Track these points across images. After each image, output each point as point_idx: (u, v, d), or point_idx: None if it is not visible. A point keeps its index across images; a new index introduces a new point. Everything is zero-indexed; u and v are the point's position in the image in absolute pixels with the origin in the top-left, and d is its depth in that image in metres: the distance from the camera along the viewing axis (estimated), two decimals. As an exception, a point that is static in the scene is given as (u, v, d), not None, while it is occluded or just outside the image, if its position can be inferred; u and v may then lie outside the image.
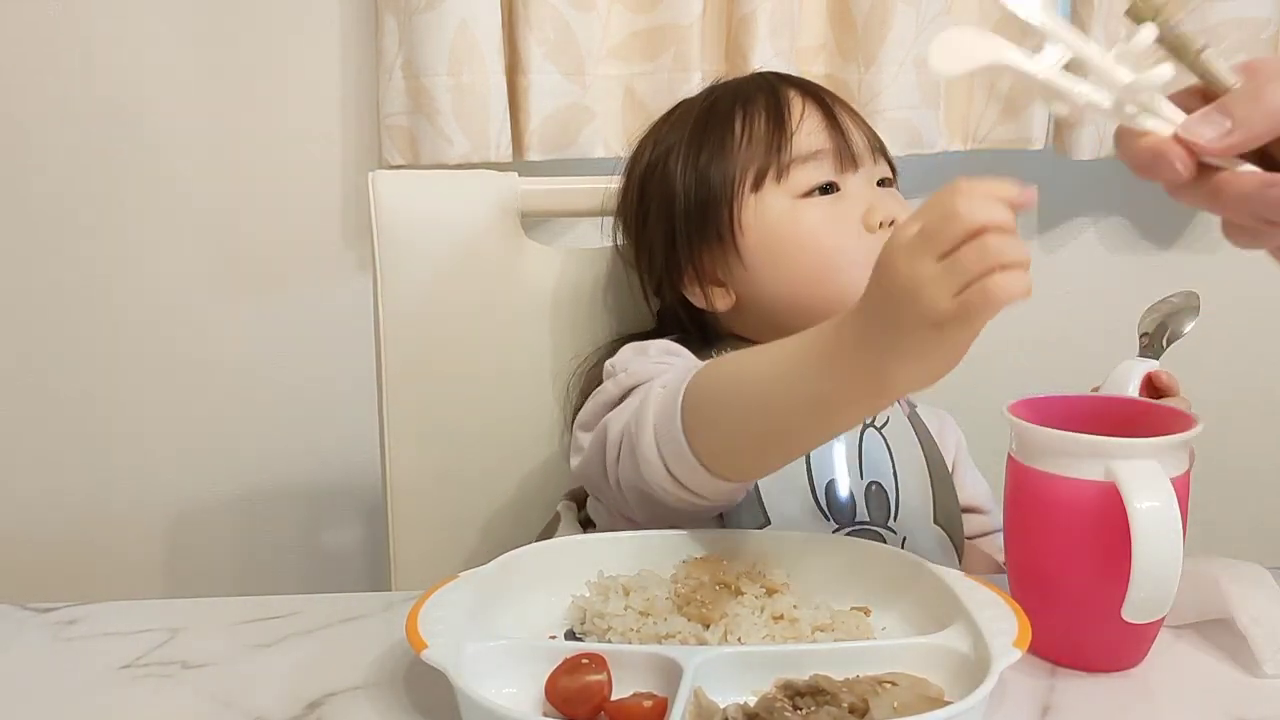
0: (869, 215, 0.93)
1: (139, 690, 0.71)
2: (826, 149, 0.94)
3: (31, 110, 1.38)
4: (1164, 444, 0.68)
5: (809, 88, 0.99)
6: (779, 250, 0.94)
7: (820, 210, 0.94)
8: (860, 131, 0.97)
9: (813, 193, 0.94)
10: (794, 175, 0.94)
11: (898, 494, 0.93)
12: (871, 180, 0.96)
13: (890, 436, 0.95)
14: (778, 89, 0.97)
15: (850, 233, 0.93)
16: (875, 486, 0.92)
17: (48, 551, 1.48)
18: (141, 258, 1.43)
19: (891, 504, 0.92)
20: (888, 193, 0.97)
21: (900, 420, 0.97)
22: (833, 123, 0.95)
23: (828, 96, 0.98)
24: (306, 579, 1.52)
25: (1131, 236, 1.50)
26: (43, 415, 1.46)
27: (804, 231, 0.93)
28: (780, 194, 0.94)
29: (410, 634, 0.65)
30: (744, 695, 0.62)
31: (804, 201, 0.94)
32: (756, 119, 0.95)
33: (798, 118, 0.95)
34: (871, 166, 0.96)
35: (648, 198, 0.99)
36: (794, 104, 0.96)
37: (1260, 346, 1.53)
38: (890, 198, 0.96)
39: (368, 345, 1.06)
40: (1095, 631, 0.70)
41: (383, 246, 1.05)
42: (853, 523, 0.90)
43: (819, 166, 0.94)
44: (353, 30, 1.39)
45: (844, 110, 0.98)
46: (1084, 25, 1.32)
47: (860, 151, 0.95)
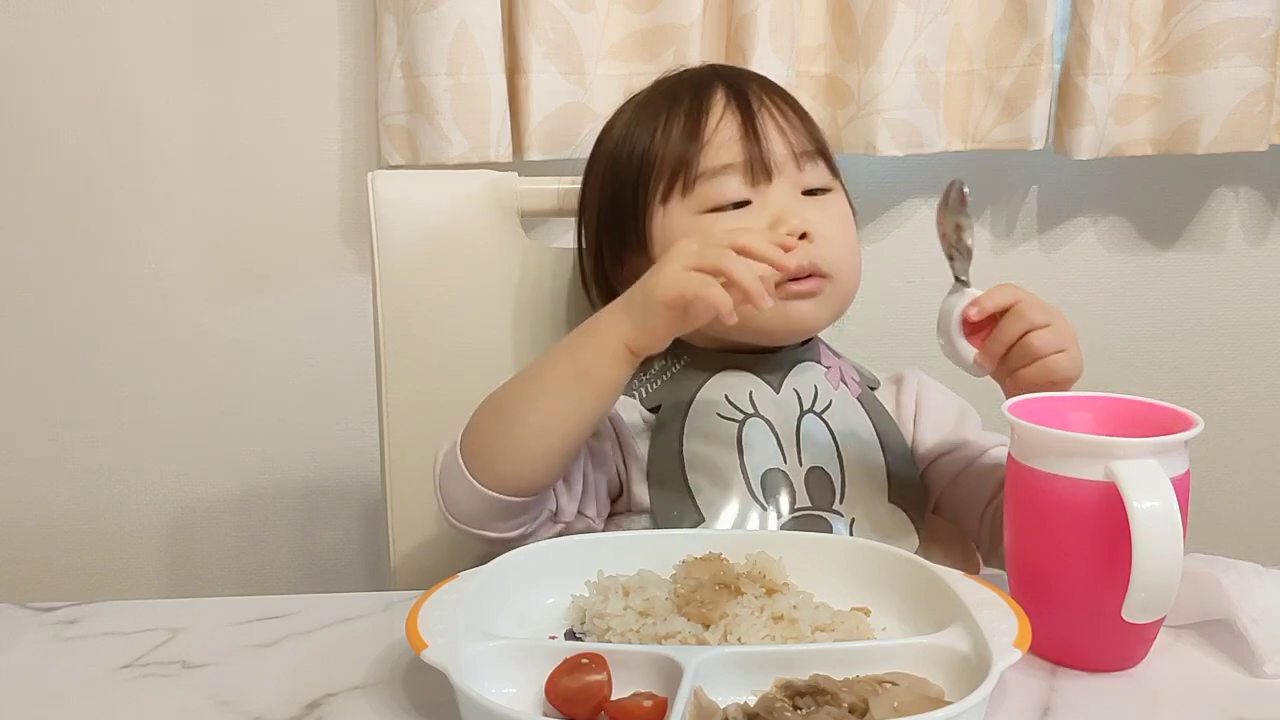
0: (773, 229, 0.90)
1: (139, 690, 0.71)
2: (736, 162, 0.92)
3: (32, 110, 1.38)
4: (1164, 444, 0.68)
5: (738, 88, 0.95)
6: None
7: (722, 225, 0.91)
8: (786, 137, 0.93)
9: (721, 208, 0.92)
10: (700, 190, 0.92)
11: (843, 476, 0.92)
12: (795, 189, 0.93)
13: (833, 419, 0.94)
14: (704, 92, 0.95)
15: None
16: (816, 471, 0.92)
17: (48, 551, 1.48)
18: (141, 257, 1.43)
19: (836, 487, 0.92)
20: (812, 202, 0.94)
21: (846, 402, 0.96)
22: (749, 131, 0.92)
23: (755, 99, 0.94)
24: (306, 579, 1.52)
25: (1131, 236, 1.50)
26: (43, 415, 1.46)
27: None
28: (684, 209, 0.93)
29: (410, 634, 0.65)
30: (744, 695, 0.62)
31: (708, 217, 0.92)
32: (674, 127, 0.93)
33: (712, 127, 0.93)
34: (795, 174, 0.93)
35: (584, 203, 1.02)
36: (713, 111, 0.93)
37: (1260, 346, 1.53)
38: (812, 207, 0.93)
39: (367, 345, 1.06)
40: (1095, 631, 0.70)
41: (382, 246, 1.05)
42: (793, 510, 0.90)
43: (727, 181, 0.92)
44: (352, 30, 1.39)
45: (771, 113, 0.94)
46: (1084, 25, 1.32)
47: (778, 162, 0.92)
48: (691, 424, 0.92)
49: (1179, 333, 1.52)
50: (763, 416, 0.93)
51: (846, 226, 0.96)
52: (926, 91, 1.34)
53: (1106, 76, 1.33)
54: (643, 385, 0.96)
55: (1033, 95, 1.34)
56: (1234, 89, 1.33)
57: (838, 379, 0.97)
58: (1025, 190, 1.49)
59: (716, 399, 0.93)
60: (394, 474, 1.05)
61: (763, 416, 0.93)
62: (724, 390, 0.94)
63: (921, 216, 1.48)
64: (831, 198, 0.96)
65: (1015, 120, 1.36)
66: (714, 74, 0.98)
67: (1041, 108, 1.35)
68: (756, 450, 0.91)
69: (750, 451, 0.91)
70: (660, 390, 0.95)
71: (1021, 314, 0.81)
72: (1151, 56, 1.36)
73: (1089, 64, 1.32)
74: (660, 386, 0.95)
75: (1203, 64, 1.33)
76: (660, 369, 0.97)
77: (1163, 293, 1.51)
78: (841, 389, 0.97)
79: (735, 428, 0.92)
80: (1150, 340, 1.52)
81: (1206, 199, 1.49)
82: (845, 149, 1.36)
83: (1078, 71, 1.34)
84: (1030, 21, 1.33)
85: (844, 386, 0.97)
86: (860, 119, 1.34)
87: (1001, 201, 1.49)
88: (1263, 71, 1.33)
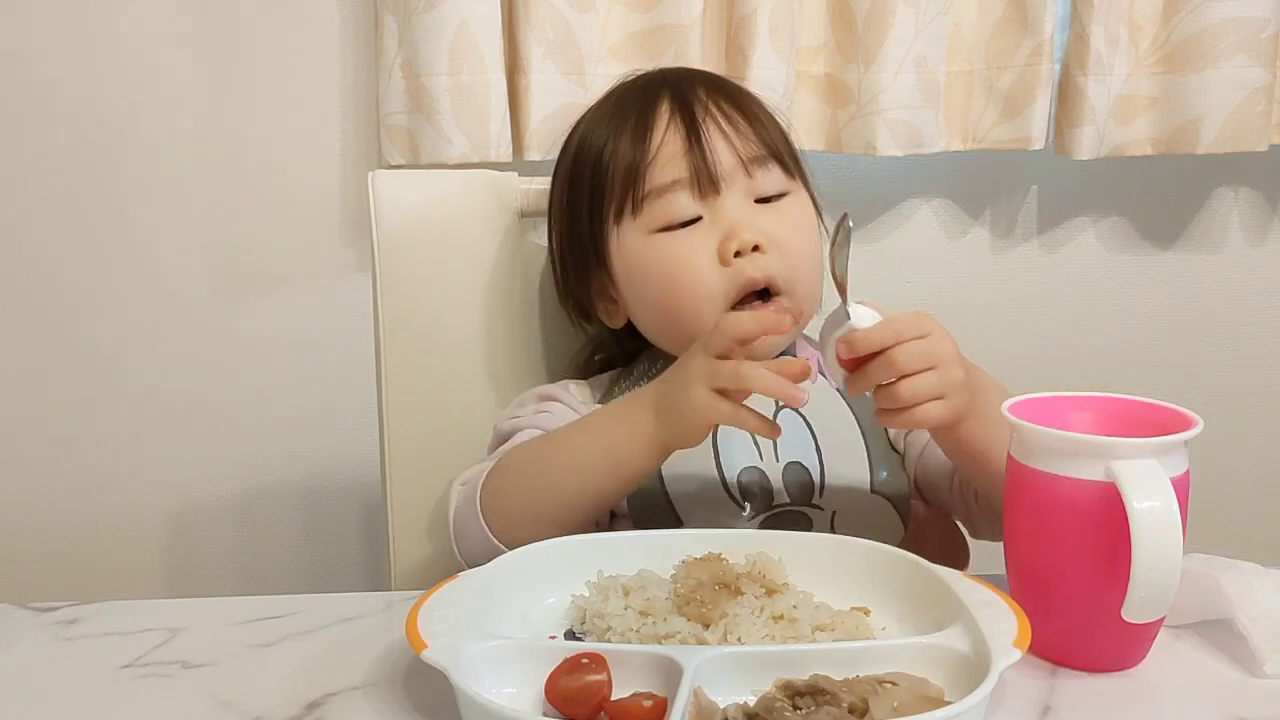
0: (724, 245, 0.89)
1: (139, 690, 0.71)
2: (682, 178, 0.90)
3: (32, 110, 1.38)
4: (1164, 444, 0.68)
5: (682, 97, 0.93)
6: (638, 283, 0.93)
7: (674, 245, 0.90)
8: (733, 144, 0.91)
9: (672, 227, 0.91)
10: (648, 210, 0.91)
11: (822, 470, 0.92)
12: (747, 198, 0.91)
13: (810, 412, 0.93)
14: (650, 104, 0.93)
15: (703, 266, 0.89)
16: (794, 466, 0.92)
17: (48, 551, 1.48)
18: (141, 257, 1.43)
19: (815, 482, 0.91)
20: (765, 210, 0.92)
21: (825, 394, 0.95)
22: (693, 144, 0.90)
23: (700, 108, 0.92)
24: (306, 579, 1.52)
25: (1131, 236, 1.50)
26: (43, 415, 1.46)
27: (655, 269, 0.91)
28: (637, 229, 0.92)
29: (410, 634, 0.65)
30: (744, 695, 0.62)
31: (658, 236, 0.91)
32: (622, 143, 0.92)
33: (657, 142, 0.91)
34: (745, 182, 0.91)
35: (550, 218, 1.01)
36: (658, 125, 0.92)
37: (1260, 346, 1.53)
38: (766, 215, 0.91)
39: (367, 344, 1.06)
40: (1095, 631, 0.70)
41: (382, 246, 1.05)
42: (770, 507, 0.90)
43: (674, 199, 0.90)
44: (353, 30, 1.39)
45: (717, 120, 0.92)
46: (1084, 25, 1.32)
47: (725, 173, 0.90)
48: None
49: (1179, 333, 1.52)
50: None
51: (804, 230, 0.94)
52: (926, 91, 1.33)
53: (1106, 76, 1.33)
54: (624, 391, 0.96)
55: (1033, 95, 1.34)
56: (1234, 89, 1.33)
57: (815, 372, 0.96)
58: (1025, 190, 1.49)
59: None
60: (394, 474, 1.05)
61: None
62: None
63: (921, 216, 1.48)
64: (788, 202, 0.93)
65: (1015, 120, 1.36)
66: (661, 82, 0.95)
67: (1041, 108, 1.35)
68: (732, 449, 0.91)
69: (726, 451, 0.91)
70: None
71: (892, 361, 0.75)
72: (1151, 56, 1.36)
73: (1089, 64, 1.32)
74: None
75: (1203, 64, 1.33)
76: (640, 373, 0.97)
77: (1163, 293, 1.51)
78: (820, 381, 0.96)
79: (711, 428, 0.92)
80: (1150, 340, 1.52)
81: (1206, 199, 1.49)
82: (845, 149, 1.36)
83: (1078, 71, 1.34)
84: (1030, 21, 1.33)
85: (821, 379, 0.96)
86: (860, 119, 1.34)
87: (1001, 201, 1.49)
88: (1263, 71, 1.33)
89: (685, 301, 0.90)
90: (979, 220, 1.49)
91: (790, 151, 0.96)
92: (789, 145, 0.97)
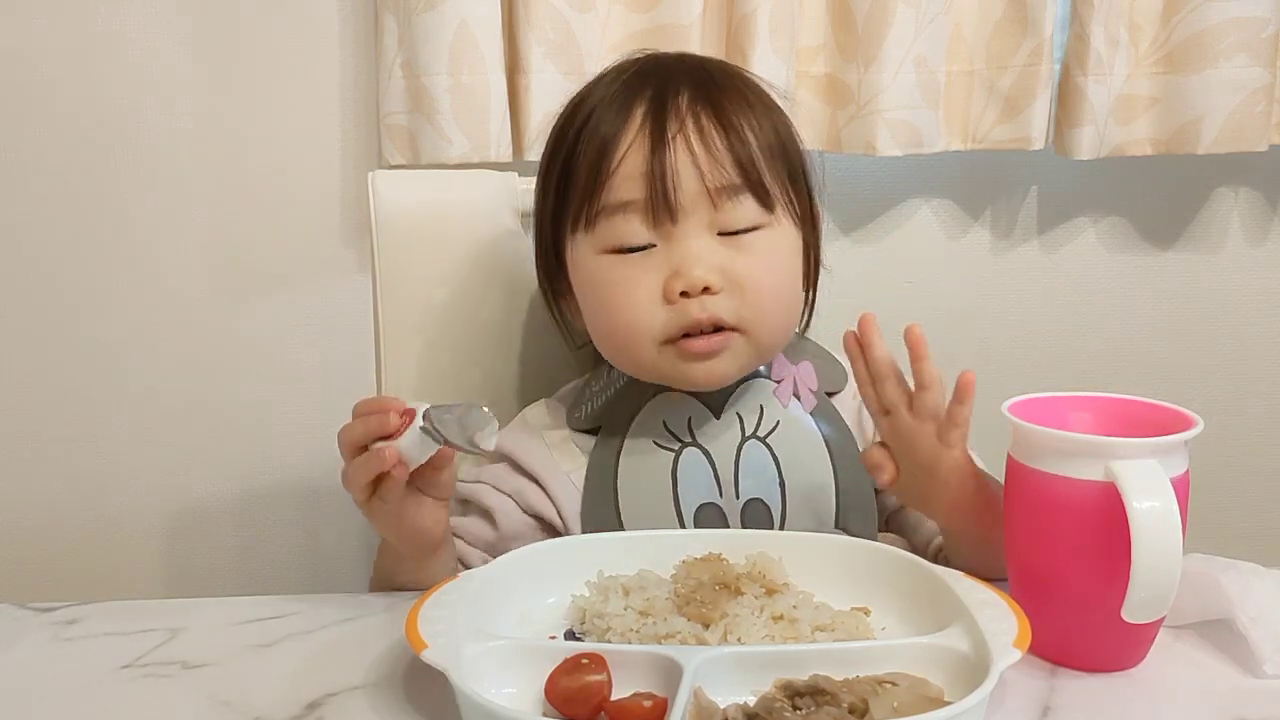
0: (670, 283, 0.82)
1: (139, 690, 0.71)
2: (638, 200, 0.83)
3: (32, 110, 1.38)
4: (1164, 444, 0.68)
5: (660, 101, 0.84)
6: (584, 299, 0.89)
7: (619, 272, 0.84)
8: (700, 170, 0.82)
9: (621, 250, 0.84)
10: (601, 227, 0.84)
11: (784, 506, 0.89)
12: (709, 230, 0.84)
13: (777, 443, 0.90)
14: (628, 104, 0.85)
15: (644, 301, 0.83)
16: (755, 504, 0.89)
17: (48, 551, 1.48)
18: (141, 257, 1.43)
19: (775, 519, 0.89)
20: (728, 246, 0.84)
21: (795, 420, 0.92)
22: (655, 164, 0.82)
23: (675, 121, 0.83)
24: (306, 579, 1.52)
25: (1131, 236, 1.50)
26: (43, 415, 1.46)
27: (598, 292, 0.86)
28: (587, 244, 0.86)
29: (410, 634, 0.65)
30: (744, 695, 0.62)
31: (607, 258, 0.85)
32: (591, 145, 0.84)
33: (621, 152, 0.83)
34: (709, 214, 0.83)
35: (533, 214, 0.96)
36: (626, 132, 0.83)
37: (1260, 346, 1.53)
38: (727, 252, 0.84)
39: (367, 345, 1.06)
40: (1095, 631, 0.70)
41: (382, 246, 1.05)
42: None
43: (626, 222, 0.83)
44: (353, 30, 1.39)
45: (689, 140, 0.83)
46: (1084, 25, 1.32)
47: (686, 201, 0.82)
48: (627, 456, 0.90)
49: (1179, 333, 1.52)
50: (700, 445, 0.90)
51: (772, 268, 0.86)
52: (926, 91, 1.33)
53: (1106, 76, 1.33)
54: (582, 405, 0.94)
55: (1033, 95, 1.34)
56: (1234, 89, 1.33)
57: (789, 393, 0.92)
58: (1025, 190, 1.49)
59: (654, 425, 0.91)
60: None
61: (700, 445, 0.90)
62: (662, 415, 0.90)
63: (921, 217, 1.48)
64: (758, 237, 0.85)
65: (1015, 120, 1.36)
66: (649, 78, 0.86)
67: (1041, 108, 1.35)
68: (691, 484, 0.89)
69: (685, 486, 0.89)
70: (600, 410, 0.93)
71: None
72: (1152, 56, 1.36)
73: (1089, 64, 1.32)
74: (600, 405, 0.93)
75: (1203, 64, 1.33)
76: (601, 388, 0.94)
77: (1163, 293, 1.51)
78: (793, 405, 0.92)
79: (671, 459, 0.90)
80: (1150, 340, 1.52)
81: (1206, 199, 1.49)
82: (845, 149, 1.36)
83: (1078, 71, 1.34)
84: (1030, 21, 1.33)
85: (795, 402, 0.93)
86: (860, 119, 1.34)
87: (1001, 201, 1.49)
88: (1263, 71, 1.33)
89: (621, 333, 0.86)
90: (979, 220, 1.49)
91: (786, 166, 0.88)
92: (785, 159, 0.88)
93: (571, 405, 0.96)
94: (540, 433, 0.95)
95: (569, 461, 0.93)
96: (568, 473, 0.92)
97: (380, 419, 0.75)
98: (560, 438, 0.94)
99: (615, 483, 0.90)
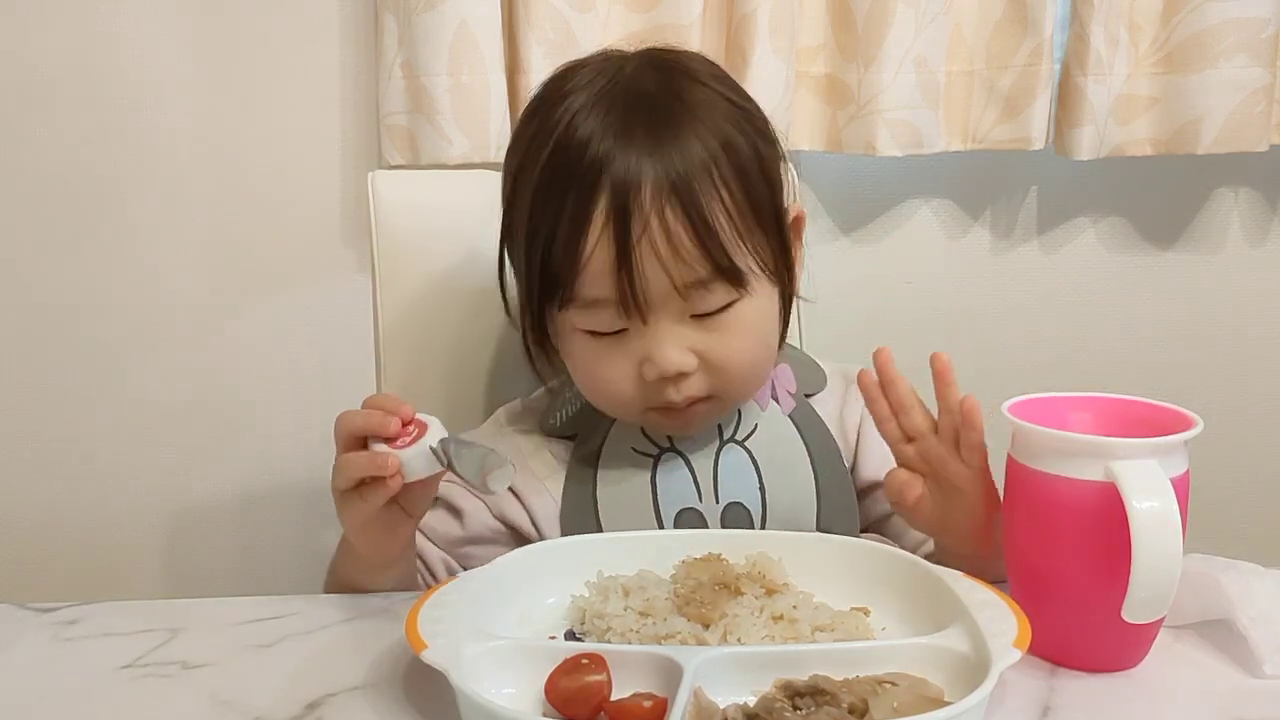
0: (644, 370, 0.83)
1: (139, 690, 0.71)
2: (608, 298, 0.82)
3: (32, 110, 1.38)
4: (1164, 444, 0.68)
5: (621, 201, 0.79)
6: (568, 360, 0.89)
7: (596, 351, 0.85)
8: (667, 271, 0.80)
9: (596, 333, 0.85)
10: (575, 312, 0.84)
11: (764, 509, 0.90)
12: (681, 316, 0.83)
13: (757, 446, 0.91)
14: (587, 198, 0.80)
15: (621, 379, 0.85)
16: (735, 508, 0.90)
17: (48, 551, 1.48)
18: (142, 257, 1.43)
19: (756, 522, 0.90)
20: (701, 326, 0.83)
21: (774, 423, 0.93)
22: (622, 265, 0.80)
23: (639, 221, 0.79)
24: (306, 579, 1.52)
25: (1131, 236, 1.50)
26: (43, 415, 1.46)
27: (578, 366, 0.88)
28: (566, 319, 0.86)
29: (410, 634, 0.65)
30: (744, 695, 0.62)
31: (583, 336, 0.85)
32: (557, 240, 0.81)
33: (588, 250, 0.80)
34: (679, 305, 0.82)
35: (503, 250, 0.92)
36: (591, 230, 0.80)
37: (1260, 346, 1.53)
38: (700, 332, 0.83)
39: (367, 345, 1.06)
40: (1095, 631, 0.70)
41: (382, 246, 1.05)
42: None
43: (599, 314, 0.83)
44: (353, 30, 1.39)
45: (654, 241, 0.79)
46: (1084, 25, 1.32)
47: (655, 299, 0.81)
48: (605, 463, 0.91)
49: (1179, 333, 1.52)
50: (678, 450, 0.91)
51: (748, 343, 0.85)
52: (926, 91, 1.33)
53: (1106, 76, 1.33)
54: (556, 411, 0.95)
55: (1033, 95, 1.34)
56: (1234, 89, 1.33)
57: (767, 397, 0.93)
58: (1025, 190, 1.49)
59: (632, 431, 0.91)
60: (394, 474, 1.05)
61: (678, 450, 0.91)
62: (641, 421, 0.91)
63: (921, 217, 1.48)
64: (731, 312, 0.84)
65: (1015, 120, 1.36)
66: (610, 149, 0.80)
67: (1041, 108, 1.35)
68: (670, 489, 0.90)
69: (664, 491, 0.89)
70: (575, 417, 0.93)
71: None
72: (1151, 57, 1.36)
73: (1089, 64, 1.32)
74: (575, 412, 0.94)
75: (1203, 64, 1.33)
76: (574, 394, 0.93)
77: (1163, 293, 1.51)
78: (771, 408, 0.93)
79: (650, 464, 0.90)
80: (1150, 340, 1.52)
81: (1206, 199, 1.49)
82: (845, 149, 1.37)
83: (1078, 71, 1.34)
84: (1030, 21, 1.33)
85: (774, 405, 0.93)
86: (860, 119, 1.34)
87: (1001, 201, 1.49)
88: (1263, 71, 1.33)
89: (602, 401, 0.88)
90: (979, 220, 1.49)
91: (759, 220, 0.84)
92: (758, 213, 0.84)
93: (545, 410, 0.96)
94: (514, 436, 0.96)
95: (544, 468, 0.93)
96: (543, 479, 0.93)
97: (381, 420, 0.75)
98: (534, 444, 0.94)
99: (594, 490, 0.91)
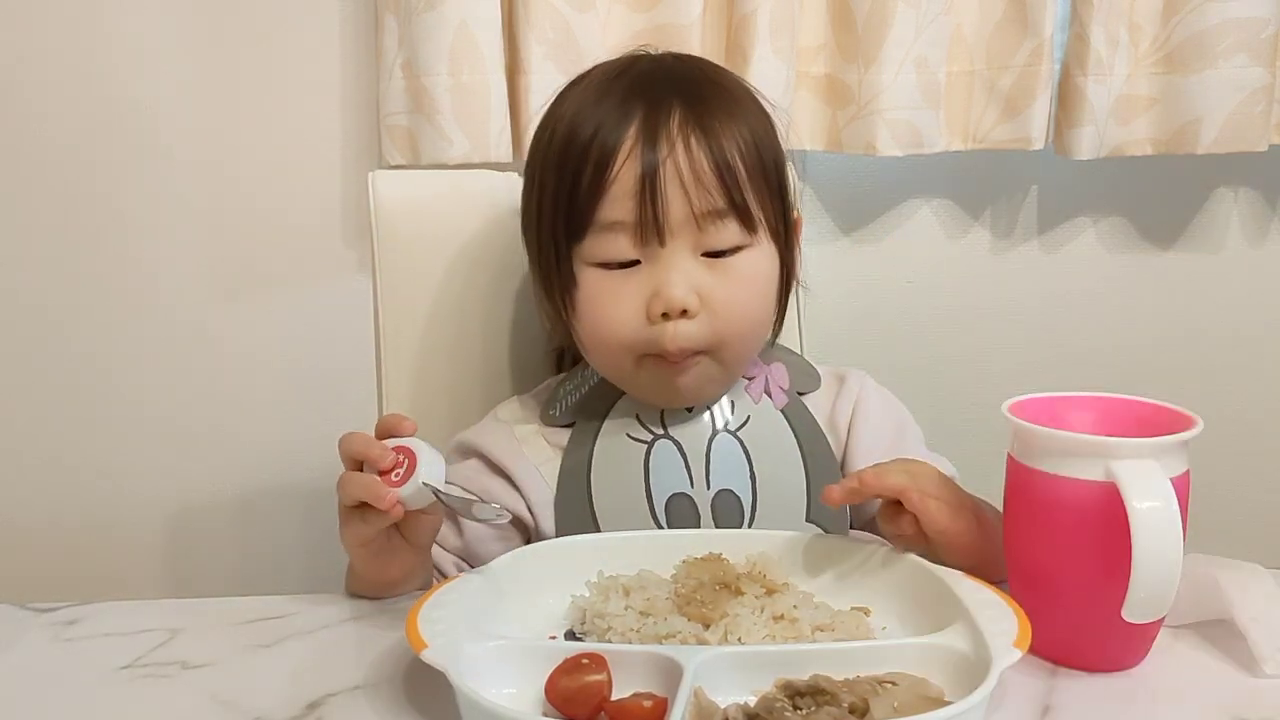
0: (652, 303, 0.85)
1: (139, 690, 0.71)
2: (628, 221, 0.84)
3: (32, 110, 1.38)
4: (1164, 444, 0.68)
5: (652, 124, 0.85)
6: (577, 307, 0.90)
7: (605, 285, 0.86)
8: (688, 196, 0.84)
9: (609, 264, 0.86)
10: (588, 243, 0.86)
11: (755, 498, 0.91)
12: (693, 251, 0.85)
13: (748, 437, 0.92)
14: (621, 123, 0.85)
15: (629, 318, 0.86)
16: (725, 495, 0.90)
17: (48, 551, 1.48)
18: (141, 257, 1.43)
19: (745, 509, 0.91)
20: (709, 266, 0.86)
21: (767, 416, 0.94)
22: (645, 188, 0.83)
23: (666, 143, 0.84)
24: (306, 579, 1.52)
25: (1131, 236, 1.50)
26: (43, 415, 1.46)
27: (584, 302, 0.88)
28: (579, 254, 0.87)
29: (410, 634, 0.65)
30: (744, 695, 0.62)
31: (595, 270, 0.87)
32: (582, 162, 0.85)
33: (614, 171, 0.84)
34: (694, 236, 0.85)
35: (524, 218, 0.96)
36: (619, 152, 0.84)
37: (1260, 346, 1.53)
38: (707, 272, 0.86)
39: (367, 345, 1.06)
40: (1095, 631, 0.70)
41: (382, 246, 1.05)
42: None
43: (615, 239, 0.85)
44: (353, 30, 1.39)
45: (679, 164, 0.84)
46: (1084, 25, 1.32)
47: (673, 225, 0.84)
48: (600, 447, 0.92)
49: (1179, 333, 1.52)
50: (672, 438, 0.92)
51: (750, 287, 0.88)
52: (927, 92, 1.33)
53: (1106, 77, 1.33)
54: (556, 402, 0.96)
55: (1033, 95, 1.34)
56: (1234, 89, 1.33)
57: (760, 390, 0.94)
58: (1025, 190, 1.49)
59: (628, 418, 0.92)
60: (394, 474, 1.05)
61: (672, 438, 0.92)
62: (636, 409, 0.92)
63: (921, 217, 1.48)
64: (740, 258, 0.87)
65: (1015, 120, 1.36)
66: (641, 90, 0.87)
67: (1041, 108, 1.35)
68: (663, 475, 0.90)
69: (656, 476, 0.90)
70: (574, 407, 0.94)
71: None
72: (1151, 57, 1.36)
73: (1089, 64, 1.32)
74: (575, 402, 0.95)
75: (1203, 64, 1.33)
76: (575, 386, 0.96)
77: (1163, 293, 1.51)
78: (764, 401, 0.94)
79: (644, 450, 0.91)
80: (1150, 340, 1.52)
81: (1206, 199, 1.49)
82: (845, 149, 1.36)
83: (1078, 72, 1.33)
84: (1030, 22, 1.33)
85: (767, 399, 0.94)
86: (860, 119, 1.34)
87: (1001, 201, 1.49)
88: (1263, 71, 1.33)
89: (601, 344, 0.88)
90: (979, 220, 1.49)
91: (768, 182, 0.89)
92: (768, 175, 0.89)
93: (546, 402, 0.97)
94: (510, 426, 0.96)
95: (538, 454, 0.94)
96: (537, 465, 0.93)
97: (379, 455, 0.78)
98: (530, 431, 0.95)
99: (589, 474, 0.91)
